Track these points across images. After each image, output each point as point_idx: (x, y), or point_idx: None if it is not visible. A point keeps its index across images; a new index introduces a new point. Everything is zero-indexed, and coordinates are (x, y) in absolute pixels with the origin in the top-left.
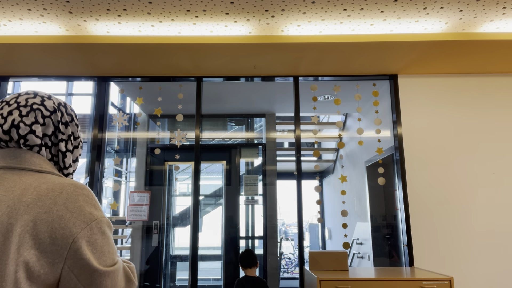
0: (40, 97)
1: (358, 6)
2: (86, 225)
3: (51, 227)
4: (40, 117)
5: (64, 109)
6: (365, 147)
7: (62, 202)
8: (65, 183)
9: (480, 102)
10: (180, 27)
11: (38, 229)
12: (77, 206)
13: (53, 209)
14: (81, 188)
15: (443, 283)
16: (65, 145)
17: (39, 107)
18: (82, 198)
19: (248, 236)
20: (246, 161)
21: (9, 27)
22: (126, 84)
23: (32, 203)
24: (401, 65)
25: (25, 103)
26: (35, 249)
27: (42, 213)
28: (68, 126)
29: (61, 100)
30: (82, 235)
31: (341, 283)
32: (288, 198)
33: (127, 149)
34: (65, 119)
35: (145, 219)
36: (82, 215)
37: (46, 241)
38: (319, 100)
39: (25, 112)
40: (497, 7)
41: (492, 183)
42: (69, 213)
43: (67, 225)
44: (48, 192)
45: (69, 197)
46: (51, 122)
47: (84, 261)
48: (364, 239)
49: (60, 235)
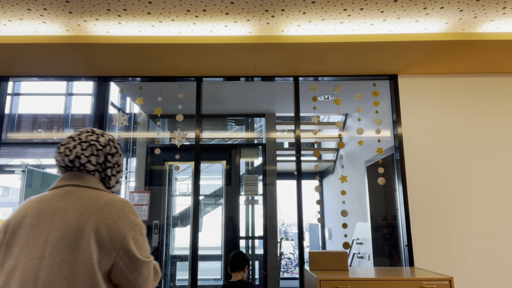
0: (96, 135)
1: (358, 6)
2: (131, 228)
3: (108, 229)
4: (95, 150)
5: (112, 144)
6: (365, 147)
7: (115, 212)
8: (116, 198)
9: (480, 102)
10: (180, 27)
11: (100, 229)
12: (125, 215)
13: (109, 216)
14: (127, 202)
15: (443, 283)
16: (111, 171)
17: (95, 143)
18: (127, 210)
19: (248, 236)
20: (246, 161)
21: (9, 27)
22: (126, 84)
23: (95, 211)
24: (401, 65)
25: (85, 139)
26: (97, 243)
27: (102, 219)
28: (114, 156)
29: (111, 137)
30: (129, 234)
31: (341, 283)
32: (288, 198)
33: (127, 149)
34: (112, 151)
35: (145, 219)
36: (129, 221)
37: (105, 238)
38: (319, 100)
39: (85, 146)
40: (497, 7)
41: (492, 183)
42: (120, 219)
43: (119, 227)
44: (106, 204)
45: (119, 208)
46: (103, 154)
47: (130, 253)
48: (364, 239)
49: (115, 234)
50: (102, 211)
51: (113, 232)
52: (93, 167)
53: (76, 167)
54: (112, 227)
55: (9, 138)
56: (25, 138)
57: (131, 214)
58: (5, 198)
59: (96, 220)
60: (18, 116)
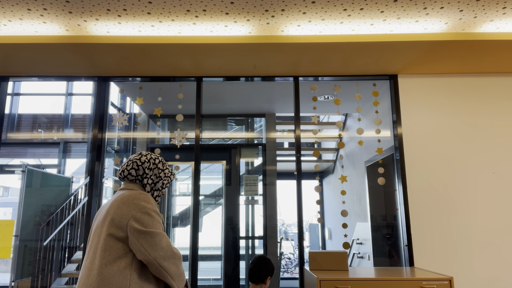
0: (140, 155)
1: (358, 6)
2: (139, 210)
3: (122, 212)
4: (135, 166)
5: (152, 161)
6: (365, 147)
7: (131, 200)
8: (138, 192)
9: (480, 102)
10: (180, 27)
11: (116, 212)
12: (137, 202)
13: (126, 203)
14: (144, 195)
15: (443, 283)
16: (147, 180)
17: (136, 161)
18: (142, 198)
19: (248, 236)
20: (246, 161)
21: (9, 27)
22: (126, 84)
23: (118, 201)
24: (401, 65)
25: (132, 159)
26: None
27: (121, 205)
28: (151, 170)
29: (154, 156)
30: (135, 214)
31: (341, 283)
32: (288, 198)
33: (127, 149)
34: (151, 167)
35: None
36: (139, 206)
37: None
38: (319, 100)
39: (129, 164)
40: (497, 7)
41: (492, 183)
42: (133, 205)
43: (129, 210)
44: (127, 196)
45: (134, 198)
46: (142, 168)
47: (134, 226)
48: (364, 239)
49: (125, 215)
50: (122, 200)
51: (124, 213)
52: (133, 177)
53: (123, 177)
54: (125, 210)
55: (9, 138)
56: (25, 138)
57: (143, 201)
58: (5, 198)
59: (116, 205)
60: (18, 116)
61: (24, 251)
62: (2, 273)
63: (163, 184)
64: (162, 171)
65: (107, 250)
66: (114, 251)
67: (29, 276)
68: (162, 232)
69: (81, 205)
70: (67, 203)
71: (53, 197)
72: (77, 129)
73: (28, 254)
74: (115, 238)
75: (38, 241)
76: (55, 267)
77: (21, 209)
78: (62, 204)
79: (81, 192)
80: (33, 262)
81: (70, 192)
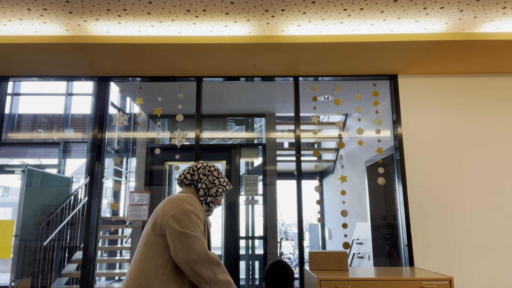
0: (196, 162)
1: (358, 6)
2: (179, 210)
3: (165, 210)
4: (191, 171)
5: (207, 168)
6: (365, 147)
7: (175, 201)
8: (185, 195)
9: (480, 102)
10: (180, 27)
11: (159, 210)
12: (180, 203)
13: (171, 202)
14: (190, 197)
15: (443, 283)
16: (201, 185)
17: (193, 167)
18: (186, 200)
19: (248, 236)
20: (246, 161)
21: (9, 27)
22: (126, 84)
23: (166, 200)
24: (401, 65)
25: (190, 166)
26: (154, 219)
27: (167, 203)
28: (206, 176)
29: (208, 164)
30: (175, 214)
31: (341, 283)
32: (288, 198)
33: (127, 149)
34: (205, 173)
35: (145, 219)
36: (180, 207)
37: (160, 216)
38: (319, 100)
39: (187, 169)
40: (497, 7)
41: (492, 183)
42: (176, 205)
43: (171, 209)
44: (175, 197)
45: (180, 199)
46: (197, 173)
47: (171, 225)
48: (364, 239)
49: (167, 213)
50: (169, 200)
51: (166, 213)
52: (188, 181)
53: (180, 181)
54: (166, 209)
55: (9, 138)
56: (25, 138)
57: (185, 203)
58: (5, 198)
59: (163, 205)
60: (18, 116)
61: (24, 251)
62: (2, 273)
63: (217, 192)
64: (217, 179)
65: (148, 245)
66: (154, 247)
67: (29, 276)
68: (197, 235)
69: (81, 205)
70: (67, 203)
71: (53, 197)
72: (77, 129)
73: (28, 254)
74: (156, 234)
75: (38, 241)
76: (55, 267)
77: (21, 209)
78: (62, 204)
79: (81, 192)
80: (33, 262)
81: (70, 192)
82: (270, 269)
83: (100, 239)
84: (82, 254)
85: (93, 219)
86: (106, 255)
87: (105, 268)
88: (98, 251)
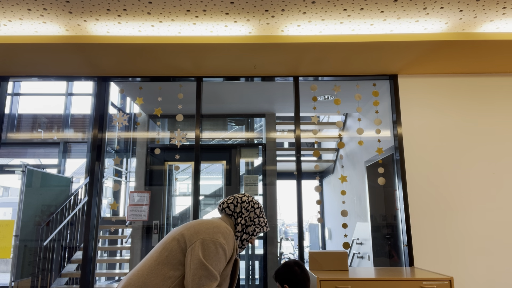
0: (242, 195)
1: (358, 6)
2: (210, 237)
3: (198, 229)
4: (235, 202)
5: (251, 203)
6: (365, 147)
7: (213, 227)
8: (224, 225)
9: (480, 102)
10: (180, 27)
11: (194, 227)
12: (216, 231)
13: (207, 225)
14: (228, 230)
15: (443, 283)
16: (241, 220)
17: (238, 198)
18: (223, 231)
19: None
20: (246, 161)
21: (9, 27)
22: (126, 84)
23: (203, 221)
24: (401, 65)
25: (235, 195)
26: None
27: (204, 224)
28: (248, 211)
29: (254, 200)
30: (205, 238)
31: (341, 283)
32: (288, 198)
33: (127, 149)
34: (248, 208)
35: (145, 219)
36: (213, 234)
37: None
38: (319, 100)
39: (231, 198)
40: (497, 7)
41: (492, 183)
42: (211, 231)
43: (204, 232)
44: (214, 222)
45: (217, 226)
46: (240, 206)
47: (195, 250)
48: (364, 239)
49: (198, 234)
50: (206, 222)
51: (199, 231)
52: (230, 212)
53: (222, 209)
54: (200, 229)
55: (9, 138)
56: (25, 138)
57: (220, 233)
58: (5, 198)
59: (199, 223)
60: (18, 116)
61: (24, 251)
62: (2, 273)
63: (254, 231)
64: (258, 217)
65: (167, 251)
66: (172, 257)
67: (29, 276)
68: (213, 272)
69: (81, 205)
70: (67, 203)
71: (53, 197)
72: (77, 129)
73: (28, 254)
74: (179, 247)
75: (38, 241)
76: (55, 267)
77: (21, 209)
78: (62, 204)
79: (81, 192)
80: (33, 262)
81: (70, 192)
82: (293, 268)
83: (100, 239)
84: (82, 254)
85: (93, 219)
86: (106, 255)
87: (105, 268)
88: (98, 251)
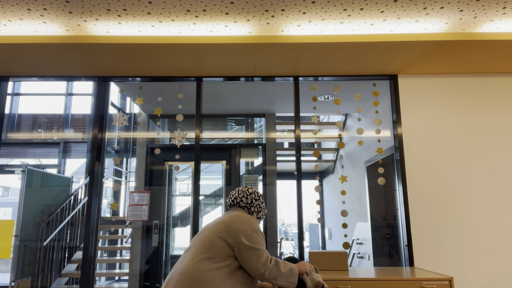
0: (246, 188)
1: (358, 6)
2: (249, 228)
3: (236, 224)
4: (245, 195)
5: (256, 194)
6: (365, 147)
7: (244, 219)
8: (248, 216)
9: (480, 102)
10: (180, 27)
11: (231, 224)
12: (250, 221)
13: (240, 220)
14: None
15: (443, 283)
16: (253, 208)
17: (245, 192)
18: (253, 221)
19: None
20: (246, 161)
21: (9, 27)
22: (126, 84)
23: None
24: (401, 65)
25: (241, 190)
26: (227, 228)
27: (236, 219)
28: (256, 201)
29: (255, 190)
30: (246, 231)
31: (341, 283)
32: (288, 198)
33: (127, 149)
34: (255, 198)
35: (145, 219)
36: (250, 225)
37: (232, 228)
38: (319, 100)
39: (240, 193)
40: (497, 7)
41: (492, 183)
42: (246, 223)
43: (243, 226)
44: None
45: (247, 218)
46: (250, 199)
47: (244, 242)
48: (364, 239)
49: (239, 228)
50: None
51: (238, 227)
52: (244, 204)
53: (235, 203)
54: (238, 224)
55: (9, 138)
56: (25, 138)
57: (253, 223)
58: (5, 198)
59: (231, 219)
60: (18, 116)
61: (24, 251)
62: (2, 273)
63: (262, 216)
64: (262, 203)
65: (211, 248)
66: (218, 250)
67: (29, 276)
68: (263, 249)
69: (81, 205)
70: (67, 203)
71: (53, 197)
72: (77, 129)
73: (28, 254)
74: (224, 241)
75: (38, 241)
76: (55, 267)
77: (21, 209)
78: (62, 204)
79: (81, 192)
80: (33, 262)
81: (70, 192)
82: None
83: (100, 239)
84: (82, 254)
85: (93, 219)
86: (106, 255)
87: (105, 268)
88: (98, 251)
